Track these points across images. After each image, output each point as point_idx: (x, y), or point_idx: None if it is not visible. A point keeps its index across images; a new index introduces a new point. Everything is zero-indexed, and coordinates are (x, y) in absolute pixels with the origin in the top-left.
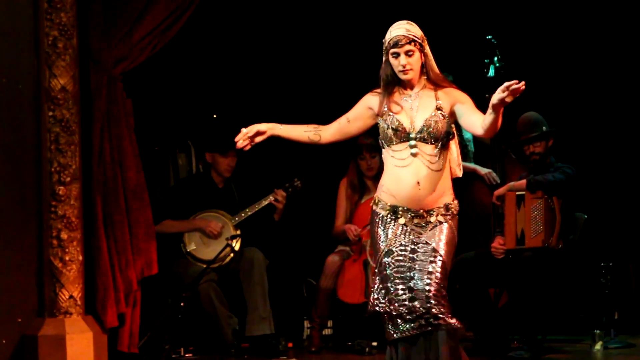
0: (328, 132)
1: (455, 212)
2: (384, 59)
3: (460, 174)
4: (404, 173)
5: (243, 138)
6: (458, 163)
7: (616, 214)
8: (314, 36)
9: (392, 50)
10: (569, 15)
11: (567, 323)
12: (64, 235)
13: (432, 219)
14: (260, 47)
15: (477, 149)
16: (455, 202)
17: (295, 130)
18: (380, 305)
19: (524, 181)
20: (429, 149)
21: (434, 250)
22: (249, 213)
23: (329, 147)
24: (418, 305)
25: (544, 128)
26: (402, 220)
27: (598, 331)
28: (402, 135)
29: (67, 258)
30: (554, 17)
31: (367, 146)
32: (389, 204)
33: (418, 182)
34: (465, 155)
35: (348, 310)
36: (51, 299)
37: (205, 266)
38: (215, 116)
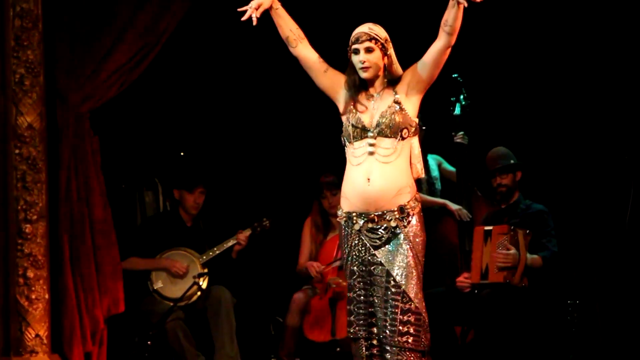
0: (304, 50)
1: (413, 213)
2: (350, 61)
3: (422, 173)
4: (357, 172)
5: (250, 13)
6: (419, 160)
7: (582, 252)
8: (280, 72)
9: (353, 47)
10: (534, 53)
11: None
12: (30, 274)
13: (385, 224)
14: (226, 83)
15: (444, 187)
16: (414, 203)
17: (287, 22)
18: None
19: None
20: (387, 142)
21: (394, 280)
22: (217, 252)
23: (294, 186)
24: (375, 331)
25: (512, 161)
26: (356, 227)
27: None
28: (360, 131)
29: (33, 296)
30: (520, 55)
31: (327, 184)
32: (345, 210)
33: (368, 179)
34: (432, 192)
35: (315, 348)
36: (17, 338)
37: (172, 304)
38: (182, 154)
